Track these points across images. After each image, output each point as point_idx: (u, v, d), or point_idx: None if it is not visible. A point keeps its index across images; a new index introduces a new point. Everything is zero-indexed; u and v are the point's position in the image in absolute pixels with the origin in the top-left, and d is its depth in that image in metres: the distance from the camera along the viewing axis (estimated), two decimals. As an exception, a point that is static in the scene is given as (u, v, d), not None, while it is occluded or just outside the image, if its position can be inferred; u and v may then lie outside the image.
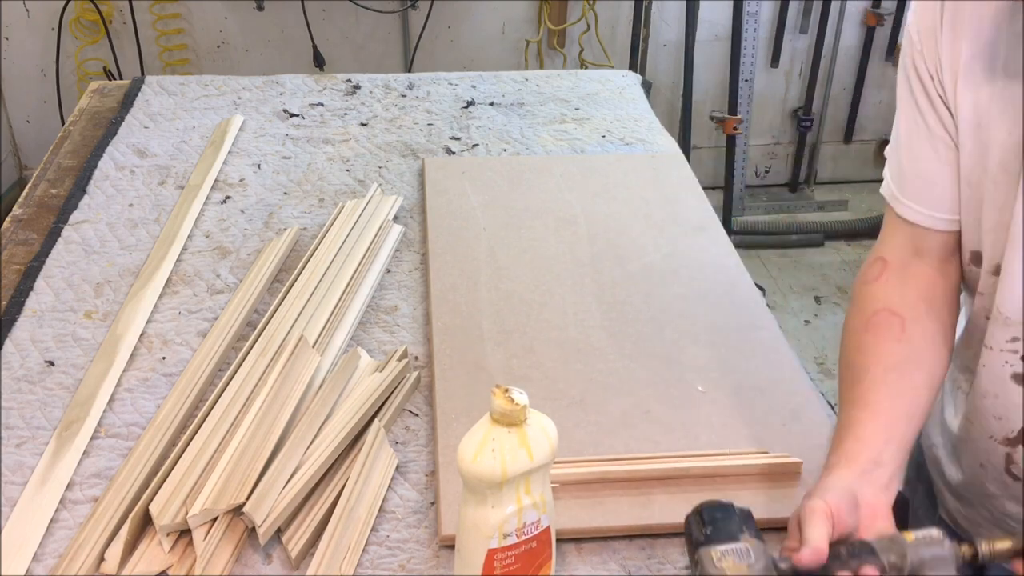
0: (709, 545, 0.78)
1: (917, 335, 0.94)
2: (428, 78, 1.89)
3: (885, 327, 0.94)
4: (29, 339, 1.17)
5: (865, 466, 0.85)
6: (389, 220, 1.40)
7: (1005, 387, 0.92)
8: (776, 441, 1.01)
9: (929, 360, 0.94)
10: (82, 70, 3.05)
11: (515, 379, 1.09)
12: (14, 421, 1.05)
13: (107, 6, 2.96)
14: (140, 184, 1.50)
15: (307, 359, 1.08)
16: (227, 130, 1.64)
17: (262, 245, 1.35)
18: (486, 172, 1.52)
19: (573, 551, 0.91)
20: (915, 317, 0.94)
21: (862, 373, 0.92)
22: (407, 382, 1.10)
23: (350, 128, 1.69)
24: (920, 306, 0.95)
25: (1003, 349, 0.90)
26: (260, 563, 0.89)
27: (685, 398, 1.07)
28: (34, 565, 0.88)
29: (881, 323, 0.95)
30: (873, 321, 0.95)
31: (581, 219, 1.40)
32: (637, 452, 0.99)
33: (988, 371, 0.92)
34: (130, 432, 1.04)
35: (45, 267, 1.29)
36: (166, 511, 0.90)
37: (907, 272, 0.97)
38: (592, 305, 1.22)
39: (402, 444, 1.04)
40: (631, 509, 0.93)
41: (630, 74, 1.96)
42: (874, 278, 0.98)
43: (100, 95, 1.80)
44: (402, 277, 1.31)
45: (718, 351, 1.15)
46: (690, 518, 0.82)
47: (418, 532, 0.93)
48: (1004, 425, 0.93)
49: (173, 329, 1.19)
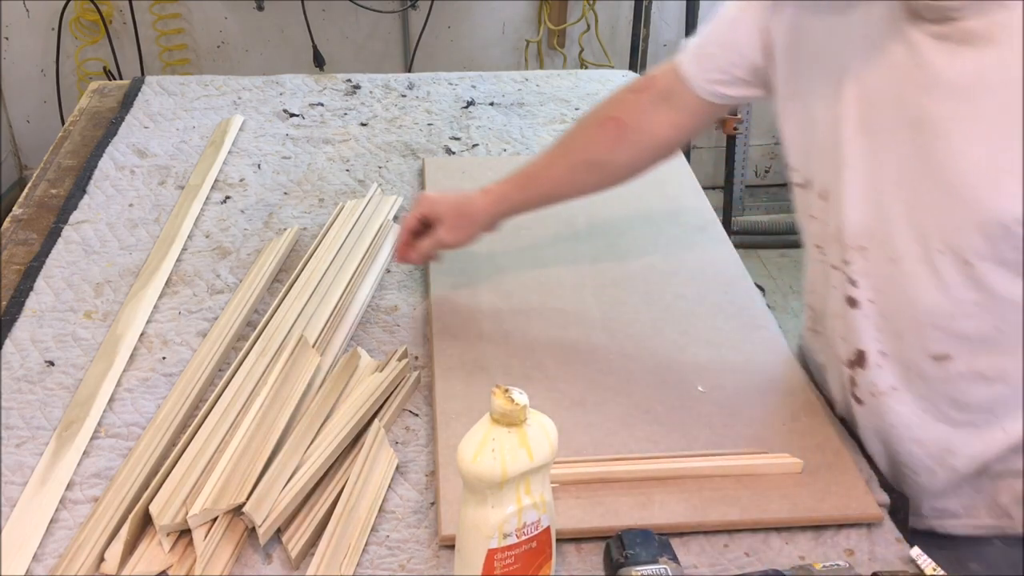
0: (628, 566, 0.82)
1: (622, 155, 1.15)
2: (428, 78, 1.89)
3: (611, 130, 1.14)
4: (29, 339, 1.17)
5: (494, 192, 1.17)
6: (389, 220, 1.40)
7: (844, 308, 0.97)
8: (776, 441, 1.01)
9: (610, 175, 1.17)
10: (82, 70, 3.05)
11: (515, 379, 1.09)
12: (14, 421, 1.05)
13: (107, 6, 2.96)
14: (140, 184, 1.50)
15: (307, 359, 1.08)
16: (227, 130, 1.64)
17: (262, 245, 1.35)
18: (486, 172, 1.52)
19: (573, 551, 0.91)
20: (634, 142, 1.14)
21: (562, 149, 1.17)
22: (407, 382, 1.10)
23: (350, 128, 1.69)
24: (645, 139, 1.14)
25: (842, 270, 0.96)
26: (260, 563, 0.89)
27: (685, 398, 1.07)
28: (34, 565, 0.88)
29: (608, 128, 1.14)
30: (604, 124, 1.15)
31: (581, 219, 1.40)
32: (637, 452, 0.99)
33: (836, 292, 0.98)
34: (130, 432, 1.04)
35: (45, 267, 1.29)
36: (166, 511, 0.90)
37: (660, 105, 1.12)
38: (592, 305, 1.22)
39: (402, 444, 1.04)
40: (631, 509, 0.93)
41: (630, 74, 1.96)
42: (638, 90, 1.14)
43: (100, 95, 1.80)
44: (402, 277, 1.31)
45: (718, 351, 1.15)
46: (610, 542, 0.87)
47: (418, 532, 0.93)
48: (847, 348, 0.99)
49: (173, 329, 1.19)
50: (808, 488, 0.96)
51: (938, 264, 0.87)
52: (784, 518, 0.94)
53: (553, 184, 1.18)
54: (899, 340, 0.94)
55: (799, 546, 0.92)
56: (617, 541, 0.86)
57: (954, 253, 0.86)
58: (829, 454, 1.00)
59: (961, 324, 0.89)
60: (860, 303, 0.95)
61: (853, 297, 0.95)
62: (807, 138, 0.97)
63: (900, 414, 0.97)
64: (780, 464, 0.98)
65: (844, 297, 0.96)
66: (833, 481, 0.96)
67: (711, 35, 1.07)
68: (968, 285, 0.86)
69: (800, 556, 0.91)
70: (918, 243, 0.88)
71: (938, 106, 0.83)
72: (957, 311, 0.88)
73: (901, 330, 0.93)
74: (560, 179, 1.18)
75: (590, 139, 1.15)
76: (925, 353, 0.92)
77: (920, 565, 0.88)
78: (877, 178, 0.89)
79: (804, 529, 0.94)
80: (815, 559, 0.90)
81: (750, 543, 0.92)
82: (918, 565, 0.88)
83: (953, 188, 0.83)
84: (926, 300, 0.89)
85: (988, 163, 0.81)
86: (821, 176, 0.96)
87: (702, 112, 1.11)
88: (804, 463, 0.98)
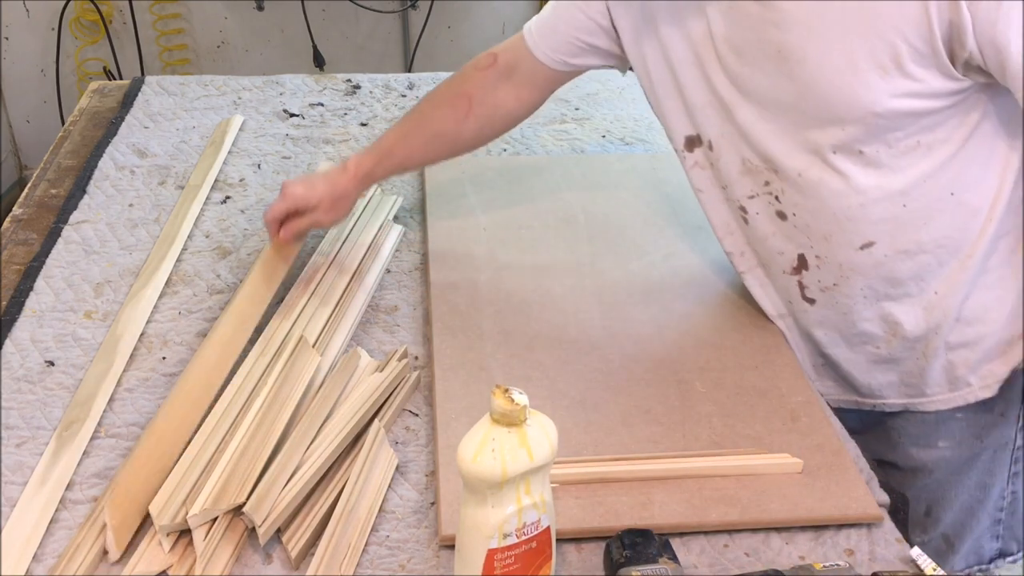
0: (628, 566, 0.83)
1: (469, 128, 1.25)
2: (428, 78, 1.89)
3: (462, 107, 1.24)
4: (29, 339, 1.17)
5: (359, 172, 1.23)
6: (389, 220, 1.40)
7: (776, 223, 1.09)
8: (776, 441, 1.01)
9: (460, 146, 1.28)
10: (82, 70, 3.05)
11: (515, 379, 1.09)
12: (14, 421, 1.05)
13: (107, 6, 2.96)
14: (140, 184, 1.50)
15: (307, 359, 1.08)
16: (227, 130, 1.64)
17: (262, 245, 1.35)
18: (486, 172, 1.52)
19: (573, 551, 0.91)
20: (481, 115, 1.24)
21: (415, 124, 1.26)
22: (407, 382, 1.10)
23: (350, 128, 1.69)
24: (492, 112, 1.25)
25: (763, 193, 1.08)
26: (260, 563, 0.89)
27: (685, 398, 1.07)
28: (34, 565, 0.88)
29: (459, 105, 1.24)
30: (454, 101, 1.25)
31: (581, 219, 1.40)
32: (637, 452, 0.99)
33: (761, 216, 1.10)
34: (130, 432, 1.04)
35: (45, 267, 1.29)
36: (166, 511, 0.90)
37: (505, 81, 1.23)
38: (592, 305, 1.22)
39: (402, 444, 1.04)
40: (631, 509, 0.93)
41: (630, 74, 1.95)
42: (483, 67, 1.24)
43: (100, 95, 1.80)
44: (402, 277, 1.31)
45: (718, 351, 1.15)
46: (610, 542, 0.87)
47: (418, 532, 0.93)
48: (786, 258, 1.11)
49: (173, 329, 1.19)
50: (808, 488, 0.96)
51: (835, 163, 1.00)
52: (784, 518, 0.94)
53: (408, 155, 1.28)
54: (827, 242, 1.06)
55: (799, 546, 0.92)
56: (617, 541, 0.86)
57: (845, 149, 0.98)
58: (829, 454, 1.00)
59: (872, 211, 1.01)
60: (787, 216, 1.07)
61: (781, 211, 1.07)
62: (683, 101, 1.11)
63: (848, 302, 1.09)
64: (780, 464, 0.98)
65: (774, 214, 1.08)
66: (833, 481, 0.96)
67: (557, 8, 1.19)
68: (867, 172, 0.99)
69: (800, 556, 0.91)
70: (813, 153, 1.00)
71: (793, 36, 0.95)
72: (865, 199, 1.01)
73: (826, 232, 1.05)
74: (414, 151, 1.28)
75: (442, 115, 1.25)
76: (851, 247, 1.04)
77: (920, 565, 0.88)
78: (760, 112, 1.02)
79: (804, 529, 0.94)
80: (815, 559, 0.91)
81: (750, 543, 0.92)
82: (918, 565, 0.88)
83: (827, 98, 0.96)
84: (838, 199, 1.02)
85: (848, 67, 0.93)
86: (709, 126, 1.09)
87: (547, 83, 1.24)
88: (804, 463, 0.98)
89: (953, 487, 1.17)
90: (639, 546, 0.85)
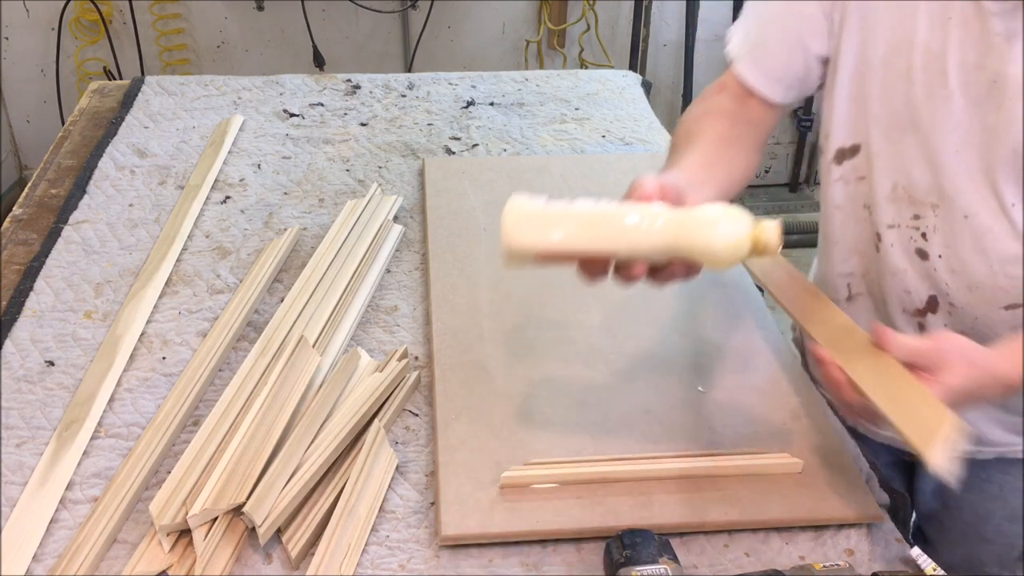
0: (628, 566, 0.83)
1: (742, 134, 1.09)
2: (428, 78, 1.89)
3: (721, 115, 1.09)
4: (29, 339, 1.17)
5: (692, 179, 0.95)
6: (389, 220, 1.40)
7: (913, 261, 1.01)
8: (776, 441, 1.01)
9: (746, 155, 1.09)
10: (82, 70, 3.05)
11: (515, 379, 1.09)
12: (14, 421, 1.05)
13: (107, 6, 2.96)
14: (140, 184, 1.50)
15: (307, 359, 1.08)
16: (227, 130, 1.64)
17: (262, 245, 1.35)
18: (486, 172, 1.52)
19: (573, 551, 0.91)
20: (743, 124, 1.09)
21: (699, 133, 1.06)
22: (407, 382, 1.10)
23: (350, 128, 1.69)
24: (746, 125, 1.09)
25: (908, 226, 1.00)
26: (260, 563, 0.89)
27: (685, 398, 1.07)
28: (34, 565, 0.88)
29: (717, 113, 1.09)
30: (710, 112, 1.10)
31: (581, 219, 1.40)
32: (637, 452, 0.99)
33: (896, 249, 1.02)
34: (130, 432, 1.04)
35: (45, 267, 1.29)
36: (166, 511, 0.90)
37: (740, 103, 1.10)
38: (592, 305, 1.22)
39: (402, 444, 1.04)
40: (631, 509, 0.93)
41: (630, 74, 1.96)
42: (715, 93, 1.12)
43: (100, 95, 1.80)
44: (402, 277, 1.31)
45: (718, 351, 1.15)
46: (610, 542, 0.87)
47: (418, 532, 0.93)
48: (913, 298, 1.03)
49: (173, 329, 1.19)
50: (808, 488, 0.96)
51: (1013, 216, 0.92)
52: (784, 518, 0.94)
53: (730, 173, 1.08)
54: (970, 293, 0.98)
55: (799, 546, 0.92)
56: (617, 541, 0.86)
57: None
58: (829, 454, 1.00)
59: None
60: (929, 256, 1.00)
61: (923, 250, 1.00)
62: (864, 104, 1.01)
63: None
64: (780, 464, 0.98)
65: (913, 251, 1.01)
66: (833, 481, 0.97)
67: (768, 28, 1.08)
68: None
69: (800, 556, 0.91)
70: (993, 198, 0.93)
71: (1014, 68, 0.88)
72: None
73: (973, 283, 0.97)
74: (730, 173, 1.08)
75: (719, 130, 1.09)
76: (997, 304, 0.97)
77: (920, 565, 0.88)
78: (947, 139, 0.94)
79: (804, 529, 0.94)
80: (815, 559, 0.91)
81: (750, 543, 0.92)
82: (918, 565, 0.88)
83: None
84: (1001, 252, 0.94)
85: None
86: (876, 140, 1.00)
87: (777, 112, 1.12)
88: (804, 463, 0.98)
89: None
90: (639, 546, 0.85)
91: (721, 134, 1.07)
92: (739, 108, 1.10)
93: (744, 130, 1.09)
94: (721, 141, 1.06)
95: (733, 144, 1.07)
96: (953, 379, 0.81)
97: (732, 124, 1.08)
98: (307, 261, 1.29)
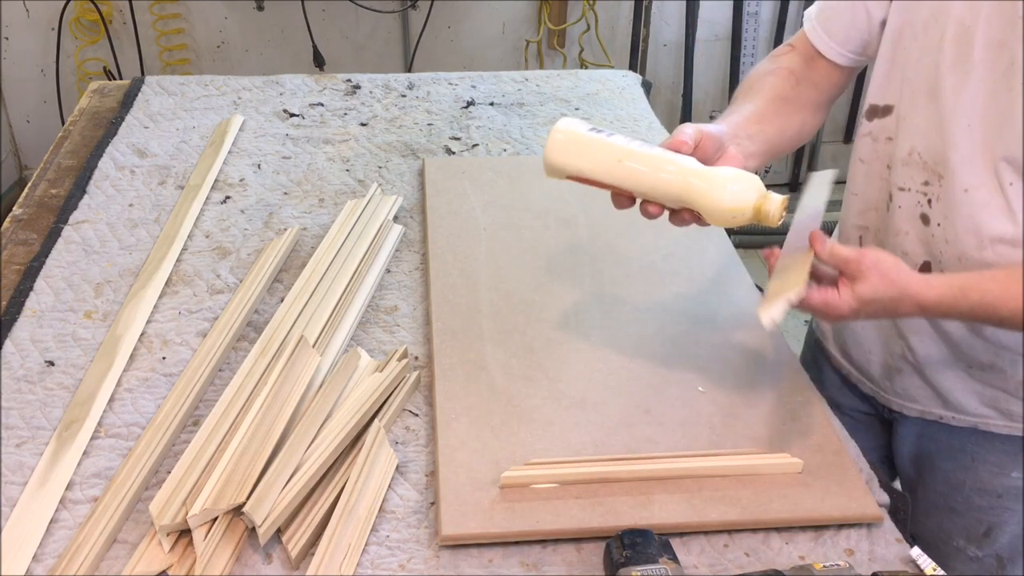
0: (628, 566, 0.83)
1: (803, 95, 1.14)
2: (428, 78, 1.89)
3: (785, 75, 1.14)
4: (29, 339, 1.17)
5: (738, 132, 1.04)
6: (389, 220, 1.40)
7: (915, 225, 1.06)
8: (776, 441, 1.01)
9: (803, 116, 1.14)
10: (82, 70, 3.05)
11: (515, 379, 1.09)
12: (14, 421, 1.05)
13: (107, 6, 2.96)
14: (140, 184, 1.50)
15: (307, 359, 1.08)
16: (227, 130, 1.64)
17: (262, 245, 1.35)
18: (486, 172, 1.52)
19: (573, 551, 0.91)
20: (806, 85, 1.14)
21: (759, 90, 1.12)
22: (407, 382, 1.10)
23: (350, 128, 1.69)
24: (810, 86, 1.14)
25: (917, 190, 1.04)
26: (260, 563, 0.89)
27: (685, 398, 1.07)
28: (34, 565, 0.88)
29: (782, 73, 1.14)
30: (776, 71, 1.14)
31: (581, 219, 1.40)
32: (637, 452, 0.99)
33: (903, 211, 1.07)
34: (130, 432, 1.04)
35: (45, 267, 1.29)
36: (166, 511, 0.90)
37: (806, 63, 1.15)
38: (592, 305, 1.22)
39: (402, 444, 1.04)
40: (631, 509, 0.93)
41: (630, 74, 1.96)
42: (784, 53, 1.17)
43: (100, 95, 1.80)
44: (402, 277, 1.31)
45: (718, 351, 1.15)
46: (610, 542, 0.87)
47: (418, 532, 0.93)
48: (909, 260, 1.07)
49: (173, 329, 1.19)
50: (808, 488, 0.96)
51: (1009, 194, 0.96)
52: (784, 518, 0.94)
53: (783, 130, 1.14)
54: (959, 264, 1.02)
55: (799, 546, 0.92)
56: (617, 541, 0.86)
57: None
58: (829, 454, 1.00)
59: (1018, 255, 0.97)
60: (931, 223, 1.04)
61: (927, 216, 1.04)
62: (901, 67, 1.05)
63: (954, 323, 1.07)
64: (780, 464, 0.98)
65: (918, 215, 1.05)
66: (833, 481, 0.97)
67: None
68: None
69: (800, 556, 0.91)
70: (993, 176, 0.96)
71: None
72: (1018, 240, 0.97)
73: (963, 255, 1.01)
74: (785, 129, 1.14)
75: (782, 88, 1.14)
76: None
77: (920, 565, 0.88)
78: (962, 112, 0.98)
79: (804, 529, 0.94)
80: (815, 559, 0.91)
81: (750, 543, 0.92)
82: (918, 565, 0.88)
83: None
84: (995, 228, 0.98)
85: None
86: (908, 102, 1.04)
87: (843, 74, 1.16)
88: (804, 463, 0.98)
89: (1016, 513, 1.16)
90: (639, 546, 0.85)
91: (781, 93, 1.12)
92: (805, 69, 1.15)
93: (807, 91, 1.14)
94: (779, 99, 1.11)
95: (791, 103, 1.12)
96: (864, 288, 0.90)
97: (796, 84, 1.13)
98: (307, 261, 1.29)
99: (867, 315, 0.93)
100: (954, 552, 1.22)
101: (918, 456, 1.22)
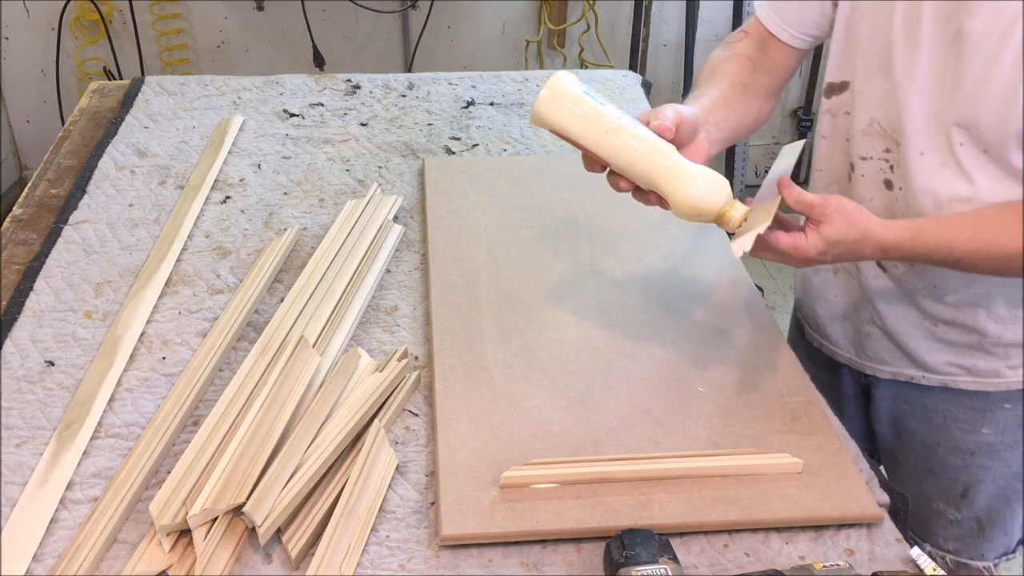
0: (628, 566, 0.83)
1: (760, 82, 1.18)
2: (428, 78, 1.89)
3: (743, 61, 1.18)
4: (29, 339, 1.17)
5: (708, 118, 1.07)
6: (389, 220, 1.40)
7: (879, 191, 1.11)
8: (776, 441, 1.01)
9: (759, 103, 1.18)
10: (82, 70, 3.05)
11: (515, 379, 1.09)
12: (14, 421, 1.05)
13: (107, 6, 2.96)
14: (140, 184, 1.50)
15: (307, 359, 1.08)
16: (227, 130, 1.64)
17: (262, 245, 1.35)
18: (486, 172, 1.52)
19: (573, 551, 0.91)
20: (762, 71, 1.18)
21: (721, 75, 1.16)
22: (407, 382, 1.10)
23: (350, 128, 1.69)
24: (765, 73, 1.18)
25: (879, 158, 1.10)
26: (260, 563, 0.90)
27: (685, 398, 1.07)
28: (34, 565, 0.88)
29: (740, 59, 1.18)
30: (734, 57, 1.18)
31: (581, 219, 1.40)
32: (637, 452, 0.99)
33: (866, 179, 1.13)
34: (130, 432, 1.04)
35: (45, 267, 1.29)
36: (166, 511, 0.90)
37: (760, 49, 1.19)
38: (592, 305, 1.22)
39: (402, 444, 1.04)
40: (631, 509, 0.93)
41: (630, 74, 1.96)
42: (738, 40, 1.21)
43: (100, 95, 1.80)
44: (402, 277, 1.31)
45: (718, 351, 1.15)
46: (610, 542, 0.87)
47: (418, 532, 0.93)
48: None
49: (173, 329, 1.19)
50: (808, 488, 0.96)
51: (959, 155, 1.02)
52: (784, 518, 0.94)
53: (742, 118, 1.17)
54: None
55: (799, 546, 0.92)
56: (617, 541, 0.86)
57: (974, 146, 1.00)
58: (829, 454, 1.00)
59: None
60: (894, 187, 1.10)
61: (889, 181, 1.10)
62: (854, 44, 1.10)
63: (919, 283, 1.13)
64: (780, 464, 0.98)
65: (881, 181, 1.11)
66: (833, 481, 0.97)
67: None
68: (984, 174, 1.01)
69: (800, 556, 0.91)
70: (944, 138, 1.02)
71: (976, 24, 0.96)
72: (975, 197, 1.02)
73: (922, 214, 1.06)
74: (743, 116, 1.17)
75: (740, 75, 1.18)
76: None
77: (920, 565, 0.88)
78: (914, 82, 1.03)
79: (804, 529, 0.94)
80: (815, 559, 0.91)
81: (750, 543, 0.92)
82: (918, 565, 0.88)
83: (979, 94, 0.98)
84: (950, 188, 1.04)
85: (1012, 75, 0.94)
86: (860, 77, 1.10)
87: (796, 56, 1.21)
88: (804, 463, 0.98)
89: (991, 472, 1.20)
90: (639, 546, 0.85)
91: (740, 80, 1.16)
92: (760, 54, 1.19)
93: (763, 78, 1.18)
94: (740, 86, 1.16)
95: (750, 90, 1.17)
96: (830, 231, 0.96)
97: (752, 71, 1.17)
98: (307, 261, 1.29)
99: (833, 257, 0.98)
100: (935, 516, 1.26)
101: (895, 420, 1.26)
